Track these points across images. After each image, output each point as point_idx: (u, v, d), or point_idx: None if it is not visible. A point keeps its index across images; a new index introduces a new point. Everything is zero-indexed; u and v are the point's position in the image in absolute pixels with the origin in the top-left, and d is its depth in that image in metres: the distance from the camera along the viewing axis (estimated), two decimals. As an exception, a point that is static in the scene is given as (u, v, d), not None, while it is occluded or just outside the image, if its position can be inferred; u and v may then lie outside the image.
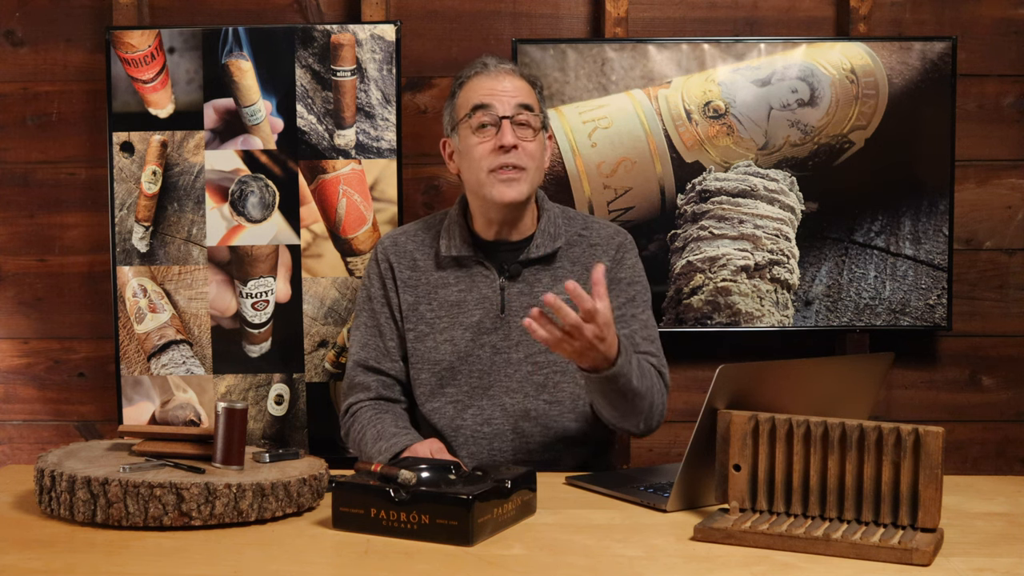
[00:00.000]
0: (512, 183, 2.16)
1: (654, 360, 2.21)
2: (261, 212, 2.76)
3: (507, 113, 2.17)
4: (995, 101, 2.91)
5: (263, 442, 2.77)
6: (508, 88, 2.19)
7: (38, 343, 2.95)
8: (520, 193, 2.17)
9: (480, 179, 2.19)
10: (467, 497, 1.67)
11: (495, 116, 2.17)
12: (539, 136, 2.21)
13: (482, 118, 2.18)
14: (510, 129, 2.17)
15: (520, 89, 2.21)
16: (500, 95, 2.19)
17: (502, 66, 2.23)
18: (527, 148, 2.18)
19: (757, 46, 2.79)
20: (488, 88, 2.20)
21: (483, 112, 2.18)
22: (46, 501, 1.80)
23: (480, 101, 2.19)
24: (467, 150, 2.20)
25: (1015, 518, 1.86)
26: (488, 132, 2.18)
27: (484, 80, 2.21)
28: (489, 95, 2.19)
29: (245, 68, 2.74)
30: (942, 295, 2.82)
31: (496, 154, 2.16)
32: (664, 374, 2.22)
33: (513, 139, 2.16)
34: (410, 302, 2.27)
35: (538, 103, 2.23)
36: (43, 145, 2.91)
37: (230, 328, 2.77)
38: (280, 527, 1.78)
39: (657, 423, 2.19)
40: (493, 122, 2.18)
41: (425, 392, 2.26)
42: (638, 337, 2.22)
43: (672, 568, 1.61)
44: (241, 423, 1.87)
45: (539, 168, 2.22)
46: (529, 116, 2.19)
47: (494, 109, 2.18)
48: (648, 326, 2.25)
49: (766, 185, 2.79)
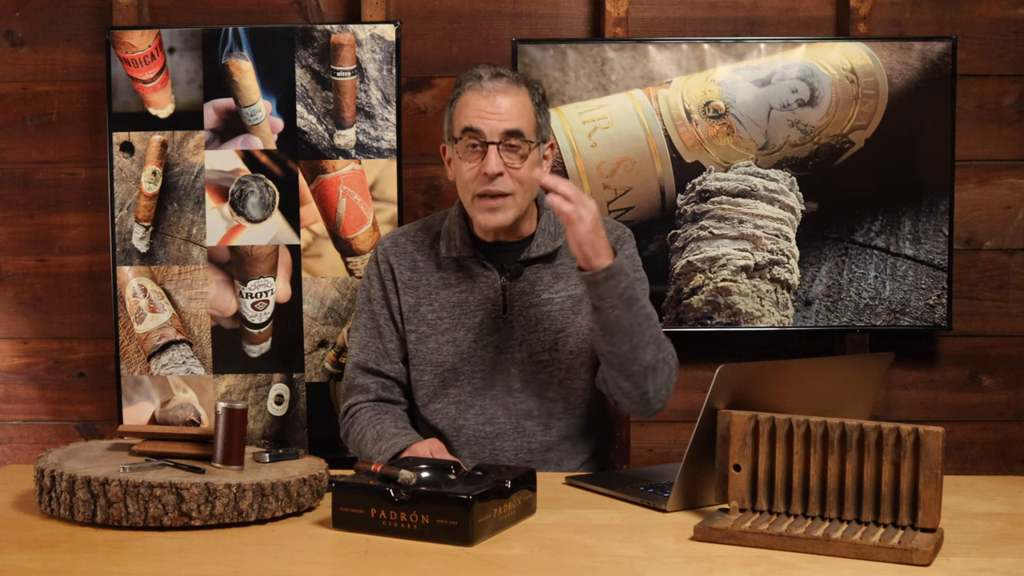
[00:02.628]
0: (496, 211, 2.14)
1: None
2: (261, 212, 2.76)
3: (494, 139, 2.12)
4: (995, 101, 2.91)
5: (263, 442, 2.77)
6: (498, 110, 2.13)
7: (38, 343, 2.95)
8: (505, 219, 2.15)
9: (467, 201, 2.18)
10: (467, 497, 1.67)
11: (482, 141, 2.13)
12: (531, 157, 2.15)
13: (470, 141, 2.14)
14: (495, 156, 2.12)
15: (512, 109, 2.13)
16: (489, 118, 2.13)
17: (495, 83, 2.15)
18: (514, 174, 2.14)
19: (757, 46, 2.79)
20: (479, 109, 2.14)
21: (471, 135, 2.14)
22: (46, 501, 1.81)
23: (469, 124, 2.14)
24: (457, 168, 2.19)
25: (1015, 518, 1.86)
26: (476, 155, 2.14)
27: (476, 98, 2.15)
28: (478, 117, 2.13)
29: (245, 68, 2.74)
30: (942, 295, 2.82)
31: (481, 179, 2.13)
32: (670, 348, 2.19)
33: (498, 167, 2.11)
34: (411, 303, 2.27)
35: (534, 117, 2.17)
36: (43, 145, 2.91)
37: (230, 328, 2.77)
38: (280, 527, 1.78)
39: (666, 392, 2.17)
40: (480, 147, 2.14)
41: (427, 393, 2.26)
42: None
43: (672, 568, 1.61)
44: (241, 423, 1.87)
45: (529, 188, 2.17)
46: (518, 142, 2.13)
47: (481, 134, 2.13)
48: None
49: (766, 185, 2.79)
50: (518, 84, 2.18)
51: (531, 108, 2.17)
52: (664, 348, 2.16)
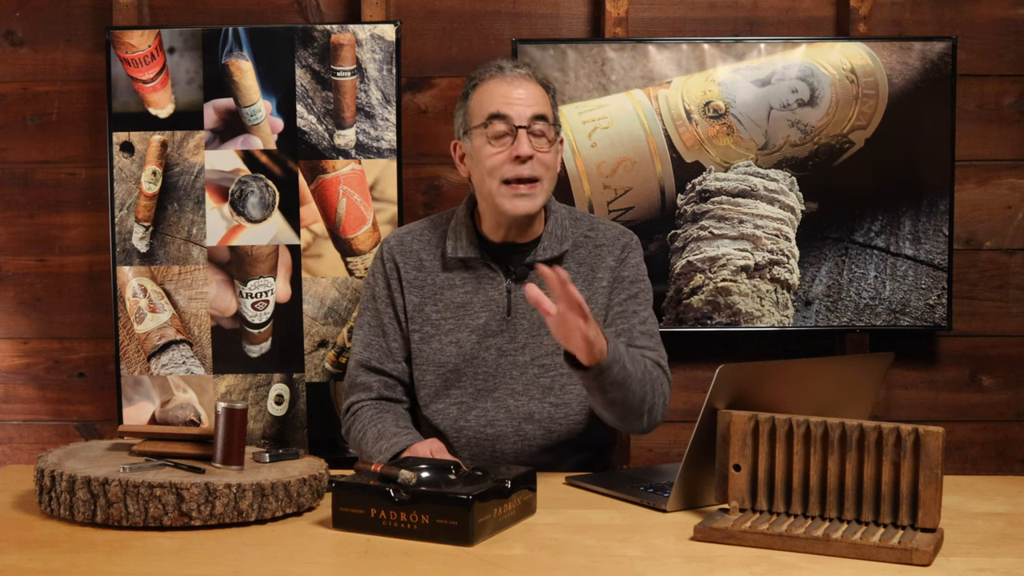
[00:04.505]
0: (526, 198, 2.15)
1: (651, 354, 2.19)
2: (261, 212, 2.76)
3: (523, 123, 2.15)
4: (995, 101, 2.91)
5: (263, 442, 2.77)
6: (524, 96, 2.16)
7: (38, 343, 2.95)
8: (535, 206, 2.17)
9: (492, 189, 2.17)
10: (467, 497, 1.67)
11: (511, 126, 2.15)
12: (554, 146, 2.20)
13: (498, 127, 2.16)
14: (527, 139, 2.14)
15: (536, 97, 2.18)
16: (516, 103, 2.16)
17: (518, 71, 2.20)
18: (542, 159, 2.16)
19: (757, 46, 2.79)
20: (503, 95, 2.17)
21: (499, 121, 2.15)
22: (46, 501, 1.81)
23: (496, 110, 2.16)
24: (481, 158, 2.18)
25: (1015, 518, 1.86)
26: (504, 142, 2.16)
27: (500, 85, 2.18)
28: (505, 103, 2.16)
29: (245, 68, 2.74)
30: (942, 295, 2.82)
31: (512, 164, 2.14)
32: (664, 367, 2.20)
33: (530, 149, 2.14)
34: (415, 303, 2.26)
35: (552, 110, 2.21)
36: (43, 145, 2.91)
37: (230, 328, 2.77)
38: (280, 527, 1.78)
39: (661, 416, 2.17)
40: (509, 131, 2.15)
41: (429, 394, 2.26)
42: (636, 331, 2.21)
43: (672, 568, 1.61)
44: (241, 423, 1.87)
45: (553, 178, 2.21)
46: (544, 127, 2.17)
47: (510, 119, 2.15)
48: (647, 322, 2.25)
49: (766, 185, 2.79)
50: (536, 77, 2.23)
51: (549, 99, 2.22)
52: (657, 388, 2.14)
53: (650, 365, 2.15)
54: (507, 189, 2.15)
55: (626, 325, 2.22)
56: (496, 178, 2.16)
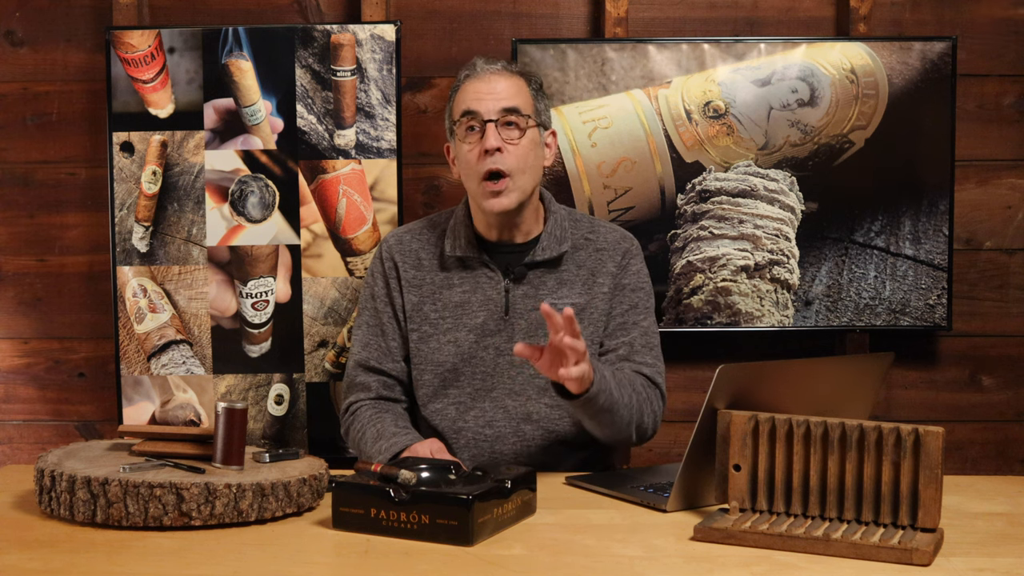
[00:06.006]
0: (499, 195, 2.15)
1: (648, 369, 2.20)
2: (261, 212, 2.76)
3: (491, 117, 2.15)
4: (995, 101, 2.91)
5: (263, 442, 2.77)
6: (494, 90, 2.17)
7: (38, 343, 2.95)
8: (509, 202, 2.16)
9: (473, 188, 2.19)
10: (467, 497, 1.67)
11: (480, 120, 2.16)
12: (528, 135, 2.18)
13: (468, 123, 2.17)
14: (494, 132, 2.14)
15: (508, 89, 2.17)
16: (485, 98, 2.16)
17: (490, 67, 2.20)
18: (514, 151, 2.15)
19: (757, 46, 2.79)
20: (475, 91, 2.18)
21: (470, 117, 2.17)
22: (46, 501, 1.80)
23: (467, 107, 2.17)
24: (460, 156, 2.21)
25: (1015, 518, 1.86)
26: (475, 136, 2.17)
27: (473, 83, 2.19)
28: (475, 99, 2.17)
29: (245, 68, 2.74)
30: (942, 295, 2.82)
31: (482, 159, 2.15)
32: (659, 382, 2.21)
33: (496, 142, 2.14)
34: (414, 302, 2.26)
35: (532, 100, 2.20)
36: (43, 145, 2.91)
37: (230, 328, 2.77)
38: (280, 527, 1.78)
39: (652, 431, 2.19)
40: (479, 126, 2.17)
41: (427, 393, 2.26)
42: (637, 344, 2.21)
43: (672, 568, 1.61)
44: (241, 423, 1.87)
45: (531, 170, 2.18)
46: (517, 118, 2.16)
47: (479, 115, 2.16)
48: (648, 333, 2.25)
49: (766, 185, 2.79)
50: (513, 70, 2.22)
51: (528, 91, 2.21)
52: (646, 407, 2.15)
53: (640, 385, 2.15)
54: (483, 188, 2.16)
55: (627, 338, 2.22)
56: (474, 177, 2.17)
